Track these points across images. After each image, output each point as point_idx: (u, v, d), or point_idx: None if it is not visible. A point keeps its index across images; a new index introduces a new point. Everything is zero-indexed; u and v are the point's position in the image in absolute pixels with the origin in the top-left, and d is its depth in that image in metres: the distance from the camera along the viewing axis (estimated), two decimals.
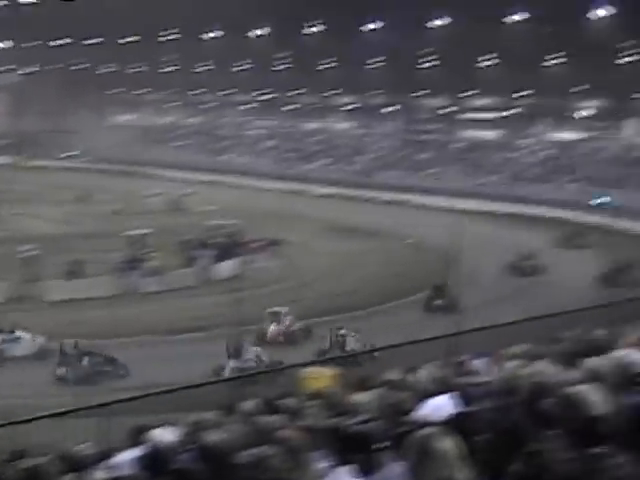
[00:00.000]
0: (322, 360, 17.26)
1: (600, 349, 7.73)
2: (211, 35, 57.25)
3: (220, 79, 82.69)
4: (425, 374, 9.39)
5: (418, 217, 58.01)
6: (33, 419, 8.62)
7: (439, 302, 33.40)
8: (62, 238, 46.40)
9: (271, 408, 10.62)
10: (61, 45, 70.93)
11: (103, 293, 33.30)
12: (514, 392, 6.10)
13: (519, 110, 74.42)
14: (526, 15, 41.74)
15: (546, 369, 6.90)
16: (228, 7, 46.61)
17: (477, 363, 8.15)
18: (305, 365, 16.87)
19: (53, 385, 23.58)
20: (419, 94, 76.30)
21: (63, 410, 9.10)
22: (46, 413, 8.88)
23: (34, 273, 35.51)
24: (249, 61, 72.22)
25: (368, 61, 63.77)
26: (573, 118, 71.66)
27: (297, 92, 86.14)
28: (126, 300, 33.30)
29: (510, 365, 7.21)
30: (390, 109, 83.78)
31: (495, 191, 65.43)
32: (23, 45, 75.11)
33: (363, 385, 10.75)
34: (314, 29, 50.51)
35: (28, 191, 69.28)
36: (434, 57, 59.99)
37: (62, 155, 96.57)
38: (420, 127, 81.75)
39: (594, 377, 6.24)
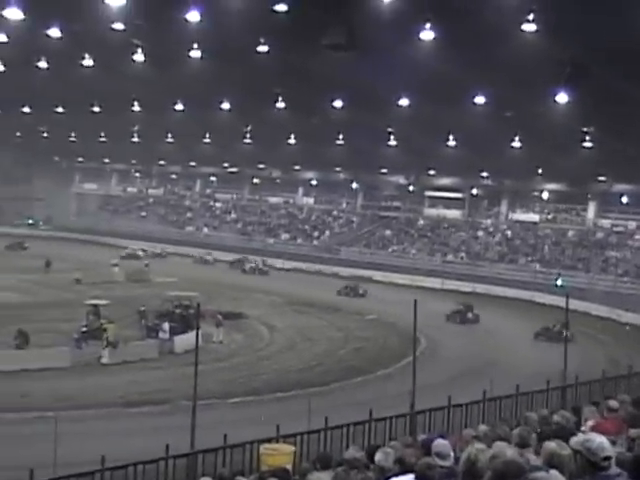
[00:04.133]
0: (283, 436, 16.90)
1: (563, 432, 7.72)
2: (175, 108, 57.58)
3: (184, 151, 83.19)
4: (386, 453, 9.29)
5: (380, 293, 58.42)
6: None
7: None
8: (17, 307, 45.77)
9: None
10: (23, 113, 70.87)
11: (56, 364, 32.56)
12: (476, 475, 6.03)
13: (480, 190, 75.74)
14: (485, 99, 42.31)
15: (506, 452, 6.83)
16: (191, 82, 47.04)
17: (438, 444, 8.03)
18: (264, 441, 16.57)
19: None
20: (382, 171, 77.26)
21: None
22: None
23: None
24: (213, 134, 72.75)
25: (330, 138, 64.45)
26: (538, 199, 72.98)
27: (261, 166, 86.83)
28: (80, 372, 32.66)
29: (471, 447, 7.12)
30: (353, 185, 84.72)
31: (456, 270, 66.18)
32: None
33: (323, 463, 10.64)
34: (278, 105, 50.95)
35: None
36: (396, 136, 60.66)
37: (22, 222, 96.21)
38: (383, 204, 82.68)
39: (556, 462, 6.19)
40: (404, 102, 46.17)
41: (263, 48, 35.97)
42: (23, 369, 31.55)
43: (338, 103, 49.93)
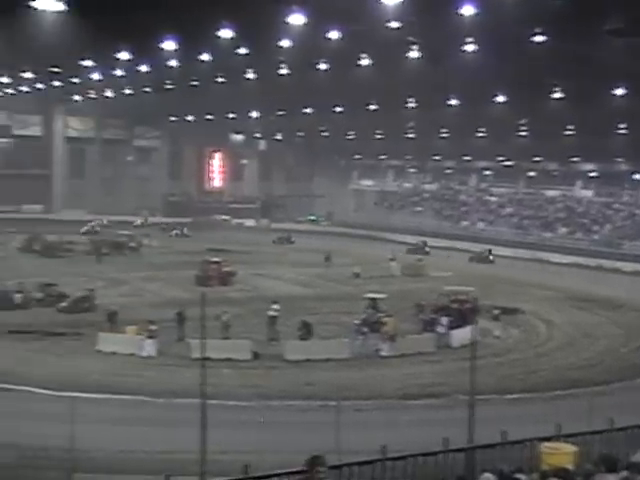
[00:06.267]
0: (563, 435, 16.47)
1: None
2: (448, 103, 57.92)
3: (458, 146, 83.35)
4: None
5: None
6: None
7: None
8: (301, 299, 47.97)
9: None
10: (305, 114, 74.42)
11: (337, 355, 33.79)
12: None
13: None
14: None
15: None
16: (465, 76, 47.03)
17: None
18: (544, 439, 16.23)
19: None
20: None
21: None
22: None
23: (275, 332, 36.91)
24: (488, 128, 72.35)
25: (611, 127, 61.89)
26: None
27: (537, 159, 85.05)
28: (360, 363, 33.64)
29: None
30: (636, 176, 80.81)
31: None
32: (270, 114, 79.48)
33: (608, 466, 10.27)
34: (554, 95, 49.67)
35: (270, 253, 72.55)
36: None
37: (304, 218, 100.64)
38: None
39: None
40: None
41: (539, 38, 35.23)
42: (307, 359, 33.06)
43: (619, 91, 47.85)
